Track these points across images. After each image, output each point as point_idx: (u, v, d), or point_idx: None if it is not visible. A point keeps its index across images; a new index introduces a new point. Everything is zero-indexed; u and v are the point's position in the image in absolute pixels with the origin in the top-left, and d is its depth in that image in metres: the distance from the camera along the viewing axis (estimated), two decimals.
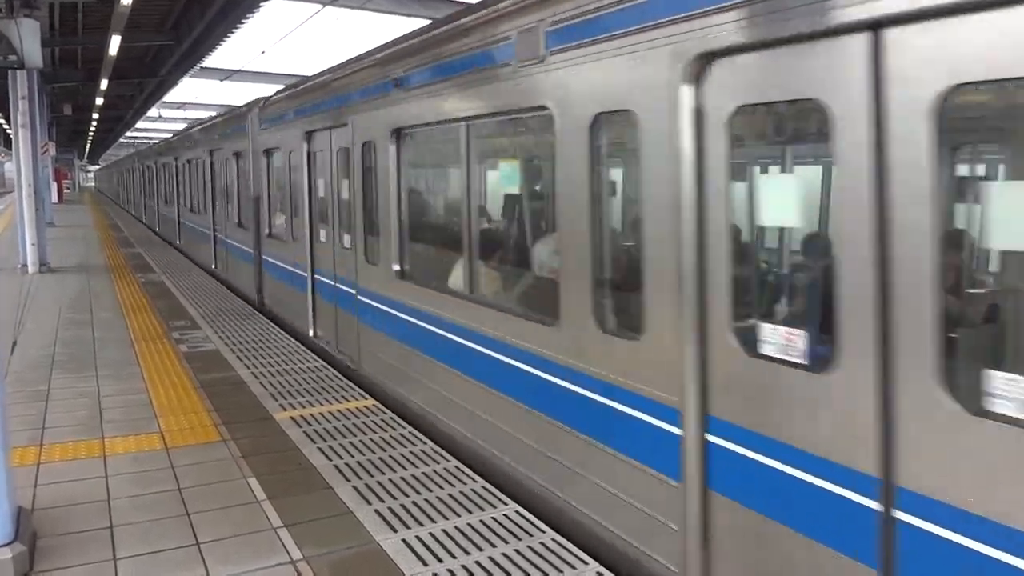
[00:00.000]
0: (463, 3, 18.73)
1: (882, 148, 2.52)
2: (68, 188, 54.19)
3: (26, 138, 14.82)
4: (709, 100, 3.18)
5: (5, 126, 36.74)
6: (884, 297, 2.54)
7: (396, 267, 6.40)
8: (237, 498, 4.52)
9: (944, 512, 2.40)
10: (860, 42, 2.57)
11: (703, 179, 3.21)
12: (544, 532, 4.06)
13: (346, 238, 7.61)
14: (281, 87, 11.21)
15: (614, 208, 4.58)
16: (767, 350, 3.03)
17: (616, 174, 4.52)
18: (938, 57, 2.35)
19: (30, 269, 14.56)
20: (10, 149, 19.78)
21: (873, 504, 2.61)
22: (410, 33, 6.53)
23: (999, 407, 2.28)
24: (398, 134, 6.33)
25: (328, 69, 8.58)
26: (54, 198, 32.79)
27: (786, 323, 3.11)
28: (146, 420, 5.93)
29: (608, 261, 4.03)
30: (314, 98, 8.60)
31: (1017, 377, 2.26)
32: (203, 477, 4.83)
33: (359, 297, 7.23)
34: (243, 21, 18.07)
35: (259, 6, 16.48)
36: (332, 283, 8.12)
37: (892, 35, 2.47)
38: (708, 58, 3.15)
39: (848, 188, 2.65)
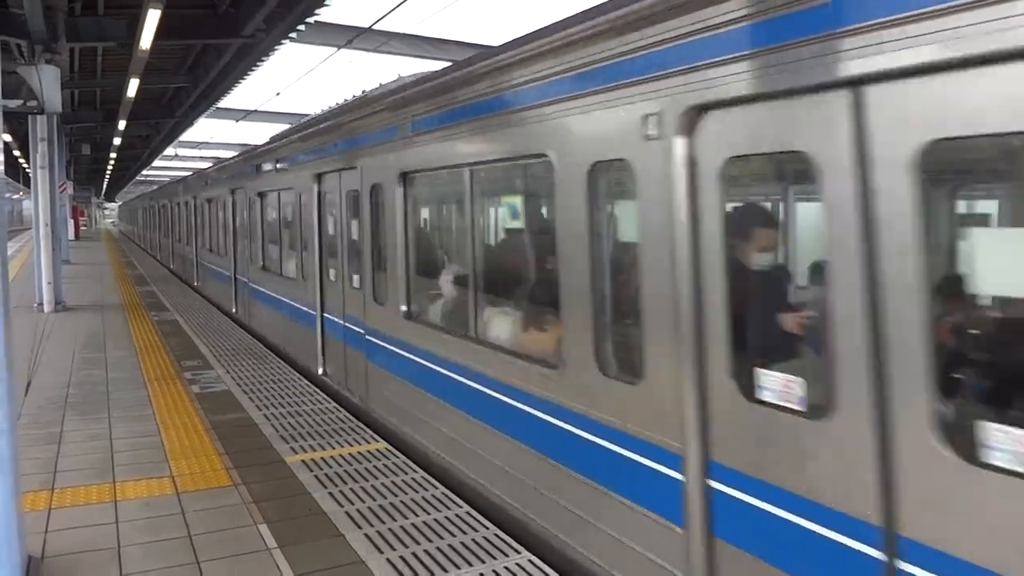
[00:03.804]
0: (476, 46, 19.08)
1: None
2: (85, 225, 54.95)
3: (45, 179, 15.07)
4: None
5: (25, 166, 37.40)
6: None
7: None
8: (247, 545, 4.49)
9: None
10: None
11: None
12: None
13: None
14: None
15: None
16: None
17: None
18: None
19: (46, 308, 14.68)
20: (29, 187, 20.09)
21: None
22: None
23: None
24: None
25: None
26: (71, 235, 33.26)
27: None
28: (157, 464, 5.92)
29: None
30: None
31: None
32: (213, 523, 4.80)
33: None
34: (258, 64, 18.41)
35: (274, 50, 16.79)
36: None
37: None
38: None
39: None
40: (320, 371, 8.93)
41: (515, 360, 4.90)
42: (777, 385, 3.09)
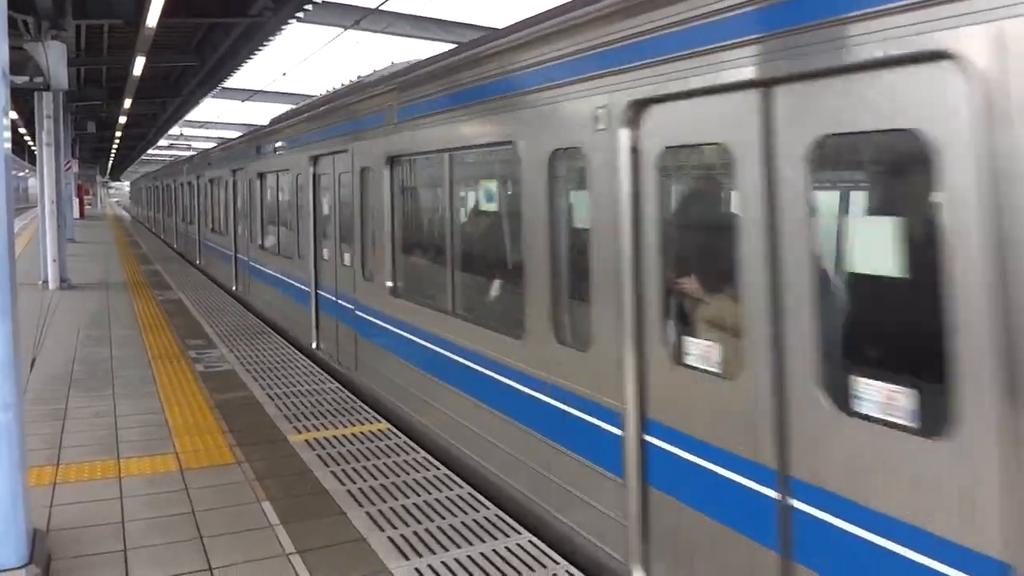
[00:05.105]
0: (483, 28, 18.98)
1: None
2: (90, 204, 55.05)
3: (50, 156, 15.10)
4: None
5: (30, 143, 37.41)
6: None
7: None
8: (250, 522, 4.52)
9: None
10: None
11: None
12: (558, 563, 4.02)
13: None
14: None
15: None
16: None
17: None
18: None
19: (51, 285, 14.73)
20: (34, 165, 20.11)
21: None
22: None
23: None
24: None
25: None
26: (76, 214, 33.30)
27: None
28: (161, 441, 5.96)
29: None
30: None
31: None
32: (217, 500, 4.84)
33: None
34: (265, 43, 18.31)
35: (281, 29, 16.70)
36: None
37: None
38: None
39: None
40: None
41: None
42: None
